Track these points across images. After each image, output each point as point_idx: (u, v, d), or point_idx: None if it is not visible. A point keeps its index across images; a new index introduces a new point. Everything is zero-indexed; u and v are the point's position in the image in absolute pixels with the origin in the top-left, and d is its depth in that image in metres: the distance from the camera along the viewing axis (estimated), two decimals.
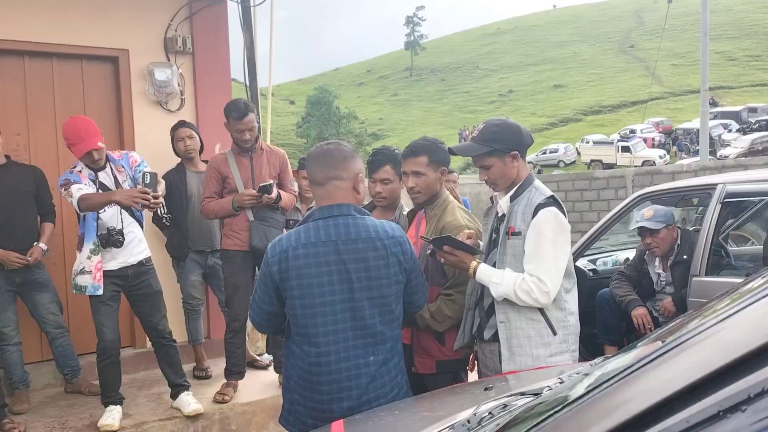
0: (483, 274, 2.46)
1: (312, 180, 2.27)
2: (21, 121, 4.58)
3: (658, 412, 0.78)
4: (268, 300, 2.26)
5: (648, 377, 0.85)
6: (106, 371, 3.85)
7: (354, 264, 2.16)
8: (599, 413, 0.87)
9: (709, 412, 0.73)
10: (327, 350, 2.16)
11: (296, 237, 2.21)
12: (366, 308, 2.17)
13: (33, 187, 4.15)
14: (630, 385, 0.87)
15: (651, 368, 0.85)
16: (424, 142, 2.84)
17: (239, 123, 4.08)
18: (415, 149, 2.81)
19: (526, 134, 2.55)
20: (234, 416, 4.16)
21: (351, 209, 2.24)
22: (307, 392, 2.22)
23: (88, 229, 3.72)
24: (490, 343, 2.55)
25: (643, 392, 0.83)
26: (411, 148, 2.82)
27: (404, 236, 2.27)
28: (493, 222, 2.65)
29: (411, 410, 1.74)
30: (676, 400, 0.77)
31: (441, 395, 2.02)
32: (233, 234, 4.18)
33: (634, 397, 0.84)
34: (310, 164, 2.28)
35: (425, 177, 2.80)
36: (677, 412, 0.76)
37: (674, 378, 0.80)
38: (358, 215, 2.24)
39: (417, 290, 2.35)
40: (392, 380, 2.24)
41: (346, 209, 2.23)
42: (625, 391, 0.87)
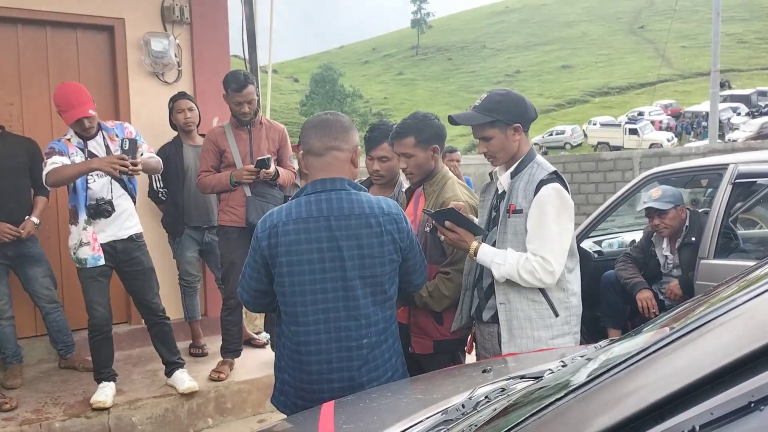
0: (484, 254, 2.35)
1: (309, 150, 2.16)
2: (14, 90, 4.47)
3: (676, 402, 0.68)
4: (257, 277, 2.17)
5: (665, 362, 0.74)
6: (98, 347, 3.78)
7: (346, 241, 2.07)
8: (607, 402, 0.77)
9: (738, 403, 0.63)
10: (317, 329, 2.08)
11: (287, 211, 2.12)
12: (358, 287, 2.07)
13: (27, 159, 4.06)
14: (644, 371, 0.76)
15: (669, 352, 0.75)
16: (411, 121, 2.70)
17: (238, 95, 3.96)
18: (400, 130, 2.69)
19: (531, 107, 2.43)
20: (229, 394, 4.10)
21: (345, 183, 2.13)
22: (296, 373, 2.14)
23: (80, 201, 3.62)
24: (489, 325, 2.45)
25: (660, 379, 0.72)
26: (397, 130, 2.70)
27: (401, 213, 2.16)
28: (493, 199, 2.53)
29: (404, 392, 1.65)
30: (699, 388, 0.67)
31: (436, 377, 1.93)
32: (230, 210, 4.08)
33: (648, 384, 0.74)
34: (307, 133, 2.17)
35: (415, 158, 2.68)
36: (700, 402, 0.66)
37: (696, 363, 0.69)
38: (353, 190, 2.13)
39: (414, 270, 2.24)
40: (386, 363, 2.14)
41: (340, 183, 2.13)
42: (638, 378, 0.76)
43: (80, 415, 3.64)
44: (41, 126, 4.48)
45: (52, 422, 3.56)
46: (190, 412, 3.94)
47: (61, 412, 3.67)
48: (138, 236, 3.83)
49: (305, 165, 2.22)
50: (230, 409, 4.09)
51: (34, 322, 4.55)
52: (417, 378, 2.02)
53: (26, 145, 4.07)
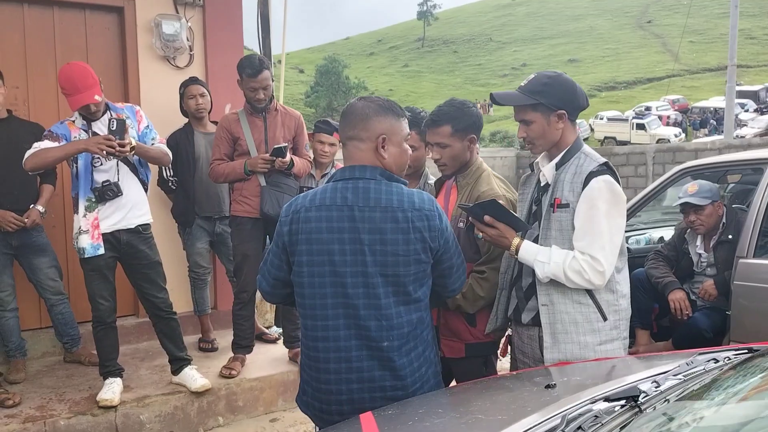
0: (526, 252, 2.17)
1: (340, 138, 2.02)
2: (20, 73, 4.29)
3: None
4: (278, 264, 2.05)
5: None
6: (101, 338, 3.63)
7: (369, 234, 1.91)
8: None
9: None
10: (336, 324, 1.94)
11: (311, 197, 1.99)
12: (380, 285, 1.92)
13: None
14: None
15: None
16: (448, 108, 2.51)
17: (253, 80, 3.78)
18: (437, 118, 2.50)
19: (581, 95, 2.24)
20: (241, 392, 3.94)
21: (376, 173, 1.97)
22: (313, 371, 2.01)
23: (83, 186, 3.46)
24: (529, 328, 2.28)
25: None
26: (432, 118, 2.52)
27: (435, 210, 1.97)
28: (533, 192, 2.36)
29: (458, 410, 1.48)
30: None
31: (489, 391, 1.76)
32: (243, 200, 3.91)
33: None
34: (339, 121, 2.03)
35: (450, 148, 2.50)
36: None
37: None
38: (384, 180, 1.97)
39: (450, 274, 2.06)
40: (414, 372, 1.97)
41: (370, 172, 1.97)
42: None
43: (86, 412, 3.49)
44: (47, 110, 4.30)
45: (57, 420, 3.40)
46: (200, 410, 3.79)
47: (66, 409, 3.51)
48: (145, 228, 3.66)
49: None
50: (242, 408, 3.94)
51: (38, 313, 4.39)
52: (466, 389, 1.85)
53: (33, 130, 3.89)
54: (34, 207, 3.86)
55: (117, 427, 3.53)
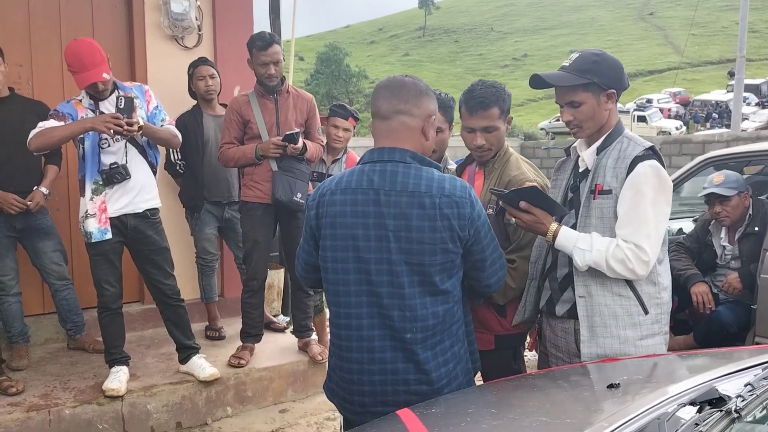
0: (565, 238, 2.06)
1: (375, 112, 1.91)
2: (23, 51, 4.15)
3: None
4: (308, 249, 2.01)
5: None
6: (106, 325, 3.52)
7: (394, 220, 1.81)
8: None
9: None
10: (359, 312, 1.85)
11: (338, 180, 1.91)
12: (404, 274, 1.81)
13: (36, 125, 3.74)
14: None
15: None
16: (491, 89, 2.35)
17: (263, 53, 3.64)
18: (485, 100, 2.33)
19: (626, 74, 2.13)
20: (250, 382, 3.84)
21: (406, 156, 1.86)
22: (337, 359, 1.94)
23: (89, 168, 3.33)
24: (564, 320, 2.17)
25: None
26: (481, 100, 2.34)
27: (468, 197, 1.85)
28: (570, 178, 2.24)
29: (513, 410, 1.37)
30: None
31: (540, 390, 1.64)
32: (254, 185, 3.78)
33: None
34: (376, 94, 1.91)
35: (497, 132, 2.38)
36: None
37: None
38: (414, 163, 1.85)
39: (483, 267, 1.93)
40: (440, 367, 1.87)
41: (400, 154, 1.86)
42: None
43: (92, 401, 3.38)
44: (52, 89, 4.16)
45: (62, 408, 3.30)
46: (208, 399, 3.69)
47: (71, 398, 3.40)
48: (153, 212, 3.54)
49: (372, 130, 1.93)
50: (250, 398, 3.84)
51: (41, 299, 4.27)
52: (511, 387, 1.73)
53: (36, 109, 3.76)
54: (38, 189, 3.73)
55: (123, 417, 3.43)
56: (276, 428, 3.64)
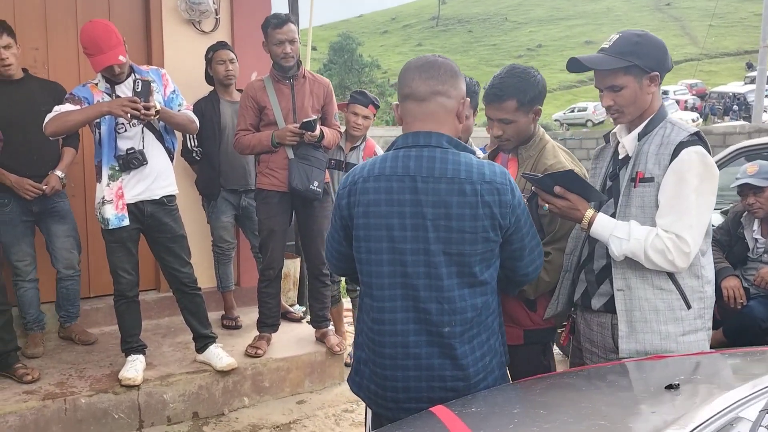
0: (601, 226, 1.96)
1: (409, 94, 1.79)
2: (39, 34, 4.08)
3: None
4: (337, 238, 1.92)
5: None
6: (123, 314, 3.47)
7: (432, 208, 1.72)
8: None
9: None
10: (393, 306, 1.77)
11: (370, 167, 1.81)
12: (443, 265, 1.73)
13: (51, 106, 3.65)
14: None
15: None
16: (511, 79, 2.23)
17: (279, 31, 3.55)
18: (500, 92, 2.22)
19: (669, 55, 2.02)
20: (267, 372, 3.78)
21: (443, 140, 1.77)
22: (371, 353, 1.85)
23: (106, 153, 3.27)
24: (600, 314, 2.08)
25: None
26: (495, 91, 2.23)
27: (508, 184, 1.76)
28: (609, 166, 2.14)
29: (565, 411, 1.27)
30: None
31: (588, 390, 1.55)
32: (270, 172, 3.70)
33: None
34: (409, 75, 1.80)
35: (515, 124, 2.25)
36: None
37: None
38: (451, 148, 1.76)
39: (521, 256, 1.85)
40: (477, 362, 1.79)
41: (436, 139, 1.76)
42: None
43: (108, 390, 3.33)
44: (68, 73, 4.10)
45: (78, 397, 3.25)
46: (225, 389, 3.63)
47: (87, 387, 3.36)
48: (170, 199, 3.47)
49: (403, 113, 1.83)
50: (267, 388, 3.78)
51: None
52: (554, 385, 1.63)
53: (52, 91, 3.70)
54: (53, 172, 3.67)
55: (140, 406, 3.38)
56: (293, 419, 3.58)
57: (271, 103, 3.66)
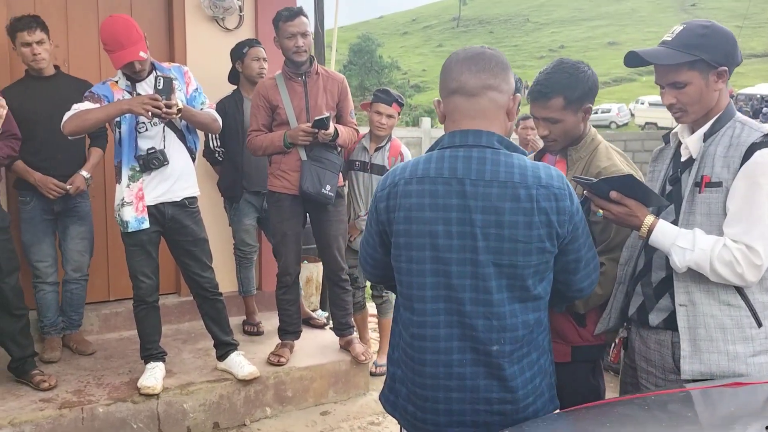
0: (663, 234, 1.78)
1: (457, 89, 1.62)
2: (60, 31, 3.98)
3: None
4: (372, 244, 1.78)
5: None
6: (142, 320, 3.35)
7: (482, 214, 1.55)
8: None
9: None
10: (435, 321, 1.60)
11: (412, 168, 1.64)
12: (492, 277, 1.56)
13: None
14: None
15: None
16: (558, 75, 2.07)
17: (290, 24, 3.40)
18: (546, 89, 2.06)
19: (738, 48, 1.83)
20: (290, 381, 3.64)
21: (494, 140, 1.60)
22: (409, 371, 1.68)
23: (126, 153, 3.16)
24: (659, 332, 1.90)
25: None
26: (540, 88, 2.07)
27: (566, 188, 1.60)
28: (669, 169, 1.96)
29: None
30: None
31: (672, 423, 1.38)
32: (282, 174, 3.55)
33: None
34: (455, 67, 1.63)
35: (562, 123, 2.09)
36: None
37: None
38: (503, 149, 1.60)
39: (576, 269, 1.68)
40: (527, 384, 1.63)
41: (487, 138, 1.60)
42: None
43: (126, 399, 3.21)
44: (90, 70, 3.99)
45: (96, 406, 3.13)
46: (246, 399, 3.49)
47: (105, 395, 3.24)
48: (191, 201, 3.35)
49: (448, 109, 1.66)
50: (290, 398, 3.64)
51: None
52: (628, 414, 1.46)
53: (81, 88, 3.59)
54: (79, 173, 3.59)
55: (159, 416, 3.26)
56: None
57: (283, 101, 3.50)
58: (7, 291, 3.19)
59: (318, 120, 3.36)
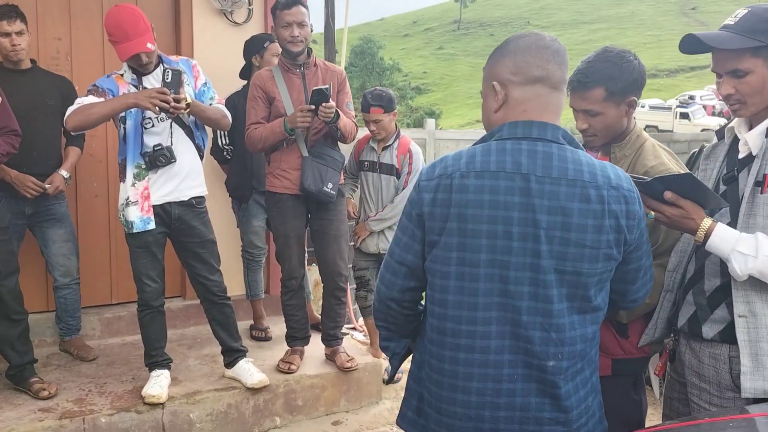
0: (721, 239, 1.63)
1: (544, 78, 1.47)
2: (62, 24, 3.84)
3: None
4: (406, 243, 1.53)
5: None
6: (147, 325, 3.20)
7: (547, 215, 1.40)
8: None
9: None
10: (486, 331, 1.43)
11: (468, 158, 1.46)
12: (553, 284, 1.41)
13: (59, 101, 3.40)
14: None
15: None
16: (601, 64, 1.93)
17: (286, 12, 3.24)
18: (586, 79, 1.92)
19: None
20: (300, 390, 3.48)
21: (559, 134, 1.47)
22: (443, 389, 1.50)
23: (131, 150, 3.00)
24: (714, 345, 1.74)
25: None
26: (580, 77, 1.94)
27: (635, 192, 1.48)
28: (722, 167, 1.81)
29: None
30: None
31: None
32: (282, 173, 3.38)
33: None
34: (543, 54, 1.47)
35: (602, 116, 1.94)
36: None
37: None
38: (567, 145, 1.47)
39: (635, 278, 1.55)
40: (580, 403, 1.49)
41: (552, 132, 1.46)
42: None
43: (130, 408, 3.06)
44: (92, 64, 3.85)
45: (98, 416, 2.98)
46: (255, 408, 3.34)
47: (107, 404, 3.08)
48: (199, 201, 3.20)
49: (521, 97, 1.49)
50: (301, 407, 3.48)
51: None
52: None
53: (59, 84, 3.44)
54: (58, 172, 3.40)
55: (164, 427, 3.10)
56: None
57: (280, 93, 3.34)
58: (6, 294, 3.03)
59: (317, 90, 3.15)
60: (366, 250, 4.01)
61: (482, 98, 1.57)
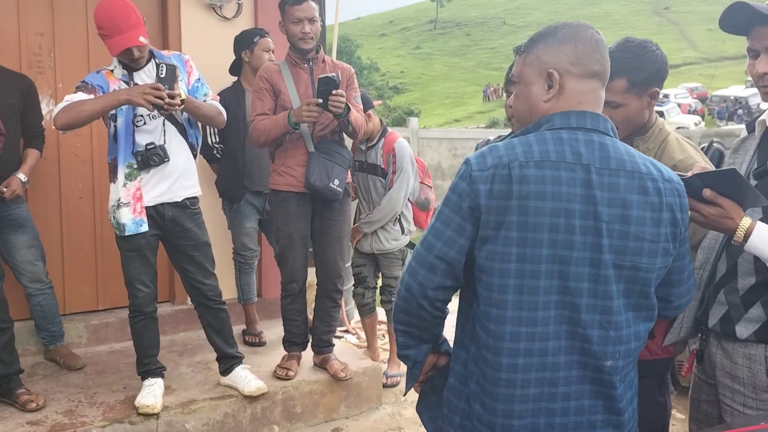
0: (762, 239, 1.56)
1: (600, 73, 1.43)
2: (45, 18, 3.67)
3: None
4: (451, 237, 1.37)
5: None
6: (140, 332, 3.06)
7: (608, 207, 1.33)
8: None
9: None
10: (545, 332, 1.33)
11: (524, 148, 1.35)
12: (612, 280, 1.34)
13: (18, 101, 3.24)
14: None
15: None
16: (623, 54, 1.85)
17: (297, 8, 3.14)
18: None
19: None
20: (299, 396, 3.37)
21: (609, 126, 1.42)
22: (493, 400, 1.37)
23: (123, 149, 2.87)
24: (748, 345, 1.68)
25: None
26: None
27: (683, 186, 1.44)
28: (753, 161, 1.75)
29: None
30: None
31: None
32: (287, 171, 3.27)
33: None
34: (603, 50, 1.43)
35: (624, 108, 1.88)
36: None
37: None
38: (615, 138, 1.43)
39: (680, 280, 1.50)
40: (629, 404, 1.43)
41: (604, 124, 1.41)
42: None
43: (123, 419, 2.92)
44: (77, 61, 3.70)
45: (90, 428, 2.84)
46: (253, 417, 3.23)
47: (99, 415, 2.95)
48: (193, 202, 3.08)
49: (581, 89, 1.41)
50: (299, 415, 3.37)
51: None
52: None
53: (18, 82, 3.26)
54: (15, 175, 3.22)
55: None
56: None
57: (287, 87, 3.23)
58: None
59: (324, 78, 3.02)
60: (361, 249, 3.94)
61: (522, 83, 1.47)
